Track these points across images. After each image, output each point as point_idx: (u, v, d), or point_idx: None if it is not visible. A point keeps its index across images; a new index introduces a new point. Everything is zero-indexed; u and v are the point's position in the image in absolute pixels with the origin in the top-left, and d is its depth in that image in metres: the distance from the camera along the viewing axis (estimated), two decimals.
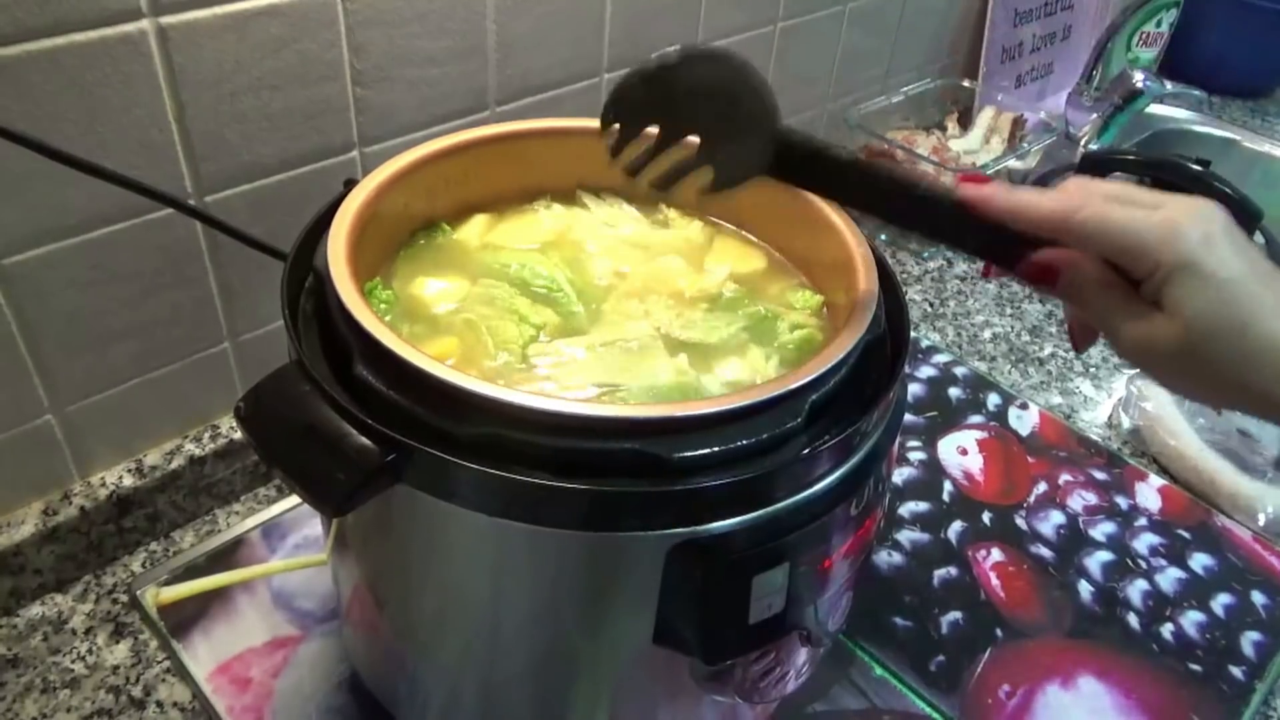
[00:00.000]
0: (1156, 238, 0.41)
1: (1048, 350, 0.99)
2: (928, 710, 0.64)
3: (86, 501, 0.65)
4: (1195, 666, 0.69)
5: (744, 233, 0.62)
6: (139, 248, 0.61)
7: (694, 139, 0.47)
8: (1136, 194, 0.43)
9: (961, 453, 0.85)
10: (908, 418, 0.88)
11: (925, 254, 1.12)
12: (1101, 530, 0.79)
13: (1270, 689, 0.68)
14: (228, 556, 0.69)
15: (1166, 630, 0.71)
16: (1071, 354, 0.99)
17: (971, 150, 1.15)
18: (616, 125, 0.46)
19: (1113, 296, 0.43)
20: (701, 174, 0.48)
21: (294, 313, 0.46)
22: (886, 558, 0.75)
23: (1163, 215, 0.41)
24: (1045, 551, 0.77)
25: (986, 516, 0.79)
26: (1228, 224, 0.42)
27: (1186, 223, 0.41)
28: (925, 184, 0.46)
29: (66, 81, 0.53)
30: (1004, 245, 0.45)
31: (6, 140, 0.47)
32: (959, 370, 0.94)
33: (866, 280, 0.50)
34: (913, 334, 0.98)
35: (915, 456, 0.84)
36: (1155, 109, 1.36)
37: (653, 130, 0.46)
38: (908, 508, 0.79)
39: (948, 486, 0.81)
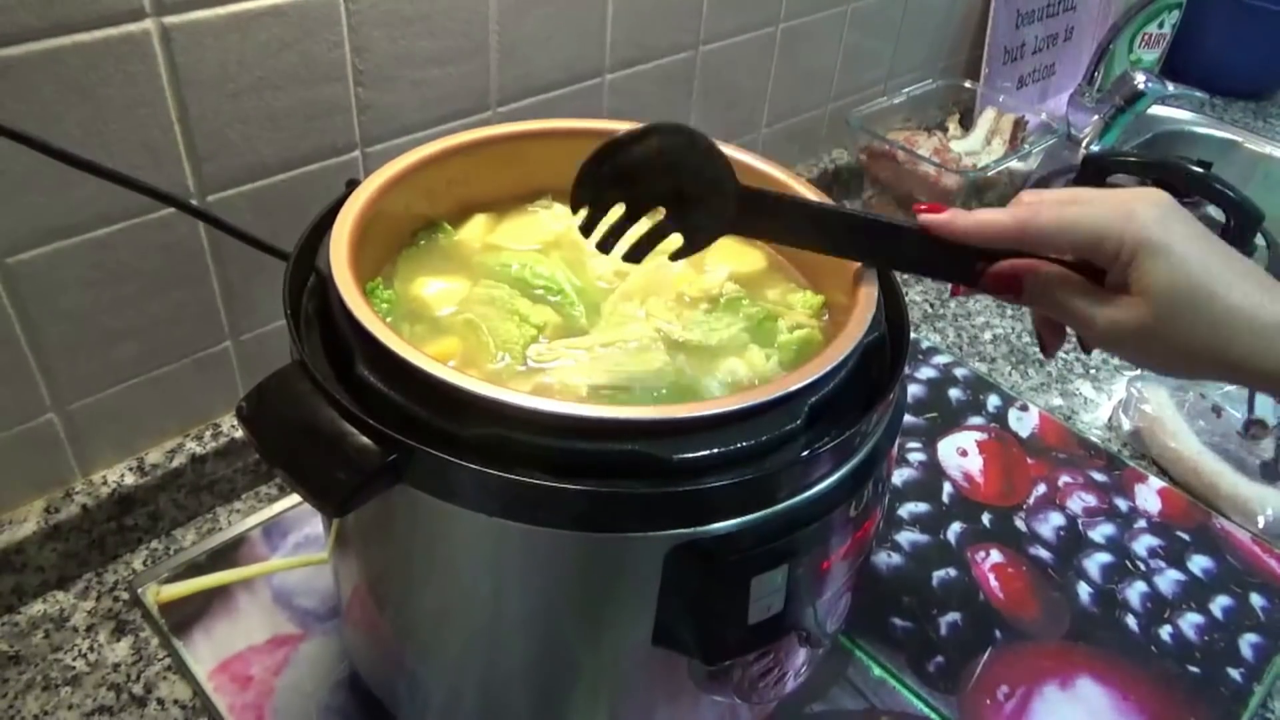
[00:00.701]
0: (1115, 224, 0.43)
1: None
2: (926, 711, 0.65)
3: (88, 499, 0.66)
4: (1193, 669, 0.69)
5: None
6: (141, 247, 0.61)
7: (660, 210, 0.49)
8: (1082, 194, 0.45)
9: (961, 454, 0.85)
10: (907, 419, 0.88)
11: None
12: (1101, 532, 0.79)
13: (1268, 691, 0.68)
14: (229, 555, 0.70)
15: (1165, 632, 0.71)
16: (1072, 356, 0.99)
17: (973, 151, 1.15)
18: (585, 209, 0.48)
19: (1078, 290, 0.46)
20: (670, 240, 0.50)
21: (296, 313, 0.46)
22: (886, 559, 0.75)
23: (1115, 202, 0.44)
24: (1044, 553, 0.77)
25: (986, 518, 0.79)
26: (1174, 204, 0.44)
27: (1139, 206, 0.43)
28: (885, 218, 0.50)
29: (69, 81, 0.54)
30: (966, 264, 0.48)
31: (10, 140, 0.48)
32: (959, 371, 0.94)
33: (866, 281, 0.50)
34: (913, 335, 0.98)
35: (915, 458, 0.84)
36: (1157, 110, 1.36)
37: (619, 209, 0.48)
38: (907, 509, 0.79)
39: (947, 488, 0.82)
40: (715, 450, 0.40)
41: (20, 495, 0.65)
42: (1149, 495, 0.83)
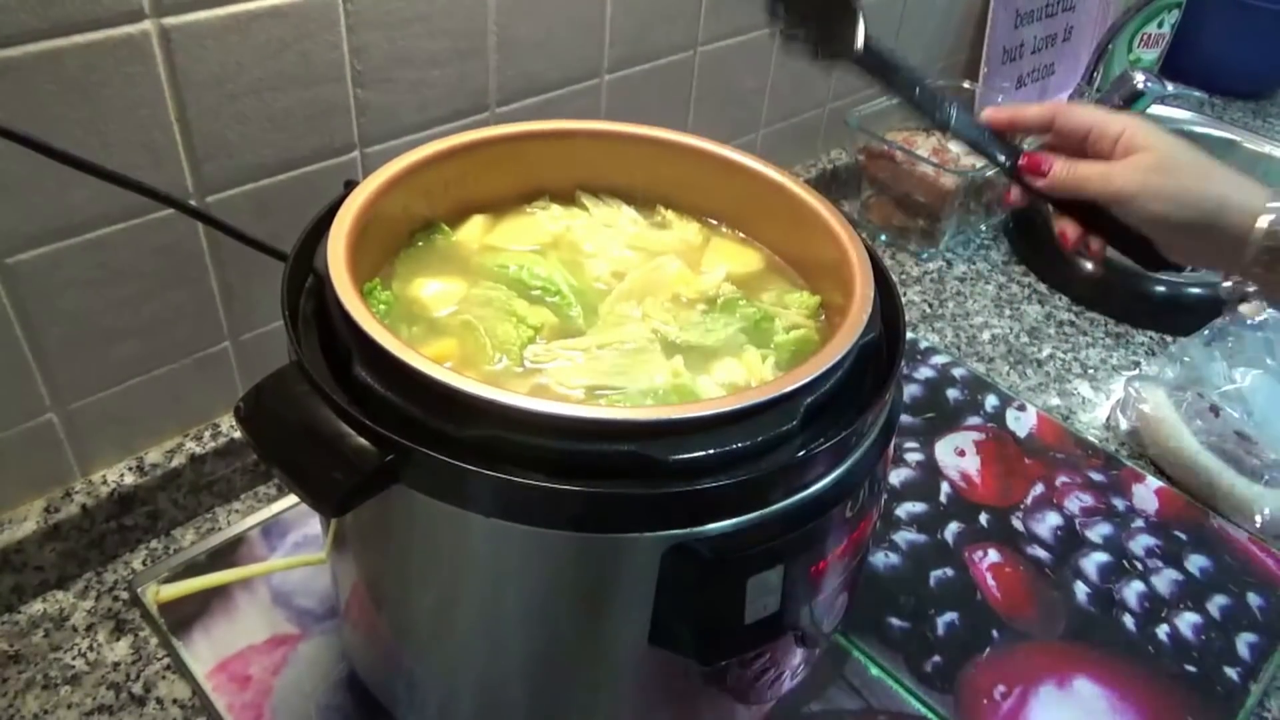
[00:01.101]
0: (1116, 116, 0.60)
1: (1046, 351, 1.00)
2: (923, 711, 0.65)
3: (88, 499, 0.66)
4: (1190, 668, 0.69)
5: (740, 233, 0.62)
6: (141, 247, 0.62)
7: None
8: None
9: (959, 454, 0.85)
10: (905, 419, 0.88)
11: (924, 255, 1.12)
12: (1098, 532, 0.79)
13: (1265, 690, 0.68)
14: (228, 554, 0.70)
15: (1162, 632, 0.72)
16: (1070, 355, 0.99)
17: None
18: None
19: (1095, 162, 0.60)
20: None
21: (294, 314, 0.46)
22: (883, 558, 0.75)
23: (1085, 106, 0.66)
24: (1042, 553, 0.77)
25: (983, 518, 0.79)
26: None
27: (1126, 114, 0.62)
28: (953, 102, 0.63)
29: (69, 82, 0.54)
30: (1011, 154, 0.63)
31: (10, 141, 0.48)
32: (957, 371, 0.95)
33: (862, 281, 0.50)
34: (911, 335, 0.98)
35: (912, 457, 0.84)
36: (1156, 110, 1.36)
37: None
38: (905, 509, 0.79)
39: (945, 488, 0.82)
40: (711, 451, 0.40)
41: (20, 494, 0.65)
42: (1146, 495, 0.83)
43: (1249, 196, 0.55)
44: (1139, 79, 1.19)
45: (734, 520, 0.41)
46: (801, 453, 0.42)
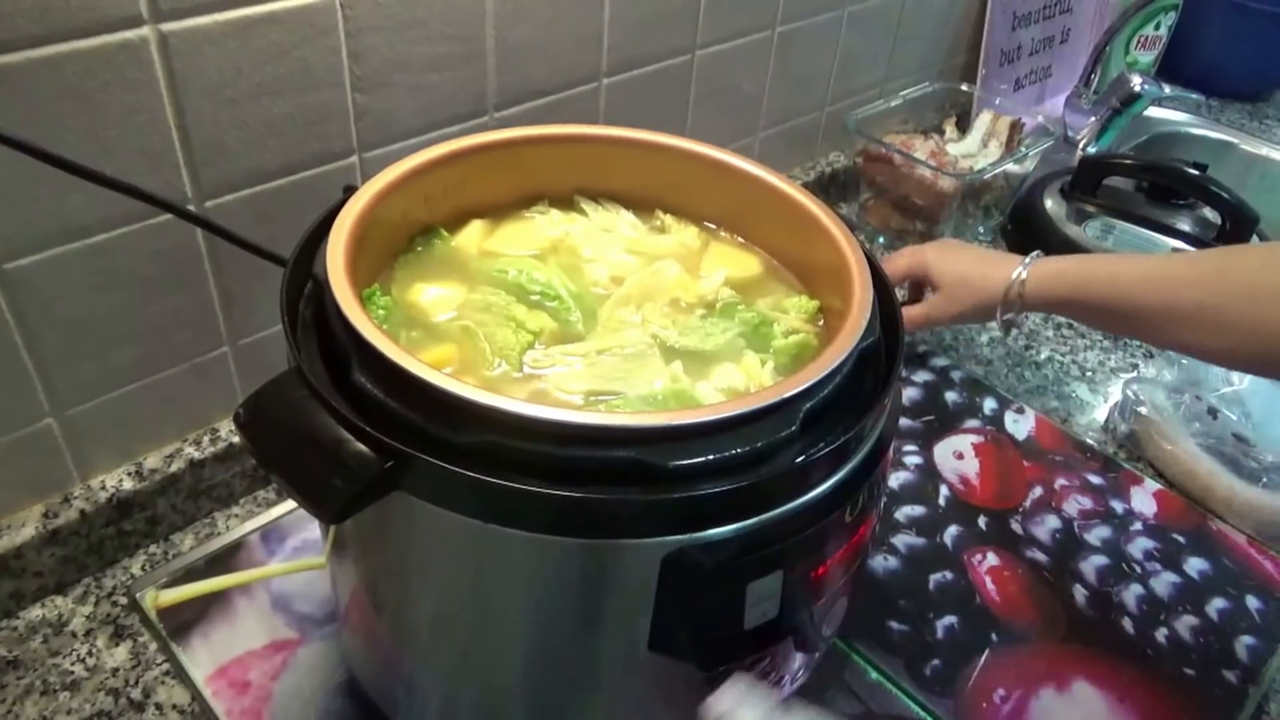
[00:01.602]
0: (919, 255, 0.85)
1: (1044, 354, 1.00)
2: (922, 714, 0.65)
3: (86, 504, 0.66)
4: (1189, 670, 0.69)
5: (739, 238, 0.62)
6: (140, 253, 0.62)
7: None
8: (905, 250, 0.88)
9: (958, 457, 0.85)
10: (904, 422, 0.88)
11: None
12: (1097, 535, 0.79)
13: (1264, 693, 0.68)
14: (227, 559, 0.70)
15: (1161, 634, 0.72)
16: (1069, 358, 0.99)
17: (969, 154, 1.16)
18: None
19: (916, 306, 0.85)
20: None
21: (293, 320, 0.46)
22: (882, 562, 0.75)
23: (913, 250, 0.87)
24: (1040, 556, 0.77)
25: (982, 521, 0.79)
26: (948, 240, 0.94)
27: (926, 247, 0.87)
28: None
29: (68, 88, 0.54)
30: None
31: (8, 147, 0.48)
32: (955, 374, 0.95)
33: (861, 285, 0.50)
34: (910, 338, 0.98)
35: (911, 461, 0.84)
36: (1153, 112, 1.36)
37: None
38: (904, 512, 0.79)
39: (944, 491, 0.82)
40: (711, 457, 0.40)
41: (19, 500, 0.65)
42: (1145, 498, 0.83)
43: (999, 275, 0.80)
44: (1136, 81, 1.19)
45: (733, 526, 0.41)
46: (801, 458, 0.42)
